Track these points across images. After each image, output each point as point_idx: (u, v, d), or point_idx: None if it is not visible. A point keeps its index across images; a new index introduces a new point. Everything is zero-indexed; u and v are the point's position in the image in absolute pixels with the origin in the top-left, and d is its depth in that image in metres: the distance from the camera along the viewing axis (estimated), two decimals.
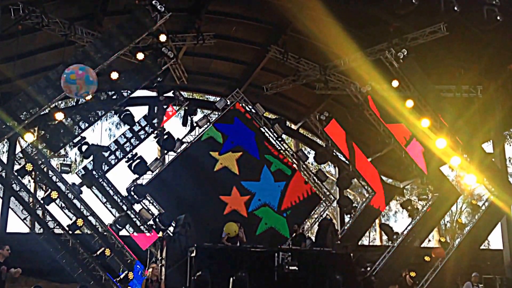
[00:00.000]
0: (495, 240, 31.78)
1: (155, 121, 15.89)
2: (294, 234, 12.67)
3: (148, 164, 15.16)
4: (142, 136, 15.68)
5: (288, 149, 18.25)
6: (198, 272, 10.32)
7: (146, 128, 15.66)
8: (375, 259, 15.42)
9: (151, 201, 15.66)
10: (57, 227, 13.52)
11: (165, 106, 16.14)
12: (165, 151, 16.54)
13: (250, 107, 17.52)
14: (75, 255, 13.29)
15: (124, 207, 14.91)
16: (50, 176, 13.99)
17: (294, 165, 18.12)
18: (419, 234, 15.65)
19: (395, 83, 14.76)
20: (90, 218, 14.03)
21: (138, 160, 14.79)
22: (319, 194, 18.11)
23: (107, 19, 16.49)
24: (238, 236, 12.34)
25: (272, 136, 17.65)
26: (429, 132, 14.59)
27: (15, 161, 14.44)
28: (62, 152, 24.25)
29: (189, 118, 16.59)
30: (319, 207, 18.25)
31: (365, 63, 16.52)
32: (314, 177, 18.14)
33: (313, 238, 15.61)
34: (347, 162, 17.76)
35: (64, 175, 14.59)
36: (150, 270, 11.14)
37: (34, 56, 17.35)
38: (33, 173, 13.42)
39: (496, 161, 16.66)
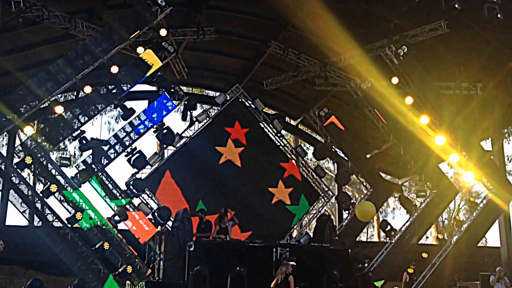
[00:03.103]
0: (493, 238, 31.92)
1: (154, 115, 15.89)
2: (199, 222, 12.58)
3: (147, 158, 15.19)
4: (142, 130, 15.69)
5: (287, 144, 18.26)
6: (196, 266, 10.36)
7: (146, 122, 15.66)
8: (373, 255, 15.47)
9: (150, 195, 15.69)
10: (56, 220, 13.52)
11: (164, 101, 16.13)
12: (165, 146, 16.56)
13: (250, 102, 17.52)
14: (74, 249, 13.30)
15: (123, 201, 14.93)
16: (50, 169, 13.99)
17: (293, 161, 18.15)
18: (417, 231, 15.69)
19: (394, 80, 14.77)
20: (89, 211, 14.04)
21: (137, 154, 14.81)
22: (317, 190, 18.16)
23: (108, 13, 16.47)
24: (227, 229, 12.36)
25: (271, 131, 17.66)
26: (428, 129, 14.61)
27: (15, 154, 14.45)
28: (62, 145, 24.32)
29: (188, 113, 16.60)
30: (318, 203, 18.28)
31: (365, 60, 16.53)
32: (313, 173, 18.16)
33: (311, 234, 15.66)
34: (346, 158, 17.78)
35: (63, 169, 14.61)
36: None
37: (34, 49, 17.35)
38: (32, 166, 13.43)
39: (495, 158, 16.71)
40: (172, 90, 16.08)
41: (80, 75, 13.14)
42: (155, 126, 15.81)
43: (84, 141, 14.12)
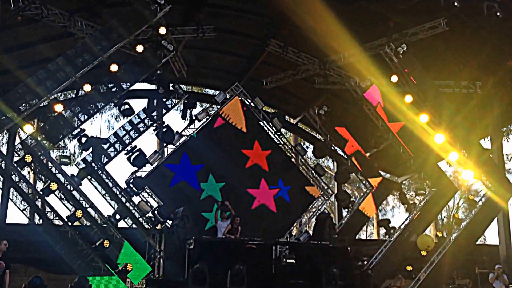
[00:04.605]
0: (492, 236, 32.00)
1: (154, 114, 15.90)
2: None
3: (147, 157, 15.21)
4: (141, 129, 15.70)
5: (287, 143, 18.28)
6: (196, 264, 10.37)
7: (146, 121, 15.68)
8: (372, 253, 15.50)
9: (150, 194, 15.71)
10: (56, 218, 13.53)
11: (164, 99, 16.15)
12: (164, 144, 16.57)
13: (249, 101, 17.54)
14: (74, 246, 13.32)
15: (123, 199, 14.96)
16: (50, 167, 14.00)
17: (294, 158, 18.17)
18: (416, 229, 15.72)
19: (394, 78, 14.78)
20: (89, 209, 14.06)
21: (137, 153, 14.83)
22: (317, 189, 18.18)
23: (107, 11, 16.47)
24: (237, 229, 12.50)
25: (271, 130, 17.68)
26: (427, 127, 14.62)
27: (15, 152, 14.45)
28: (61, 144, 24.33)
29: (188, 111, 16.62)
30: (317, 201, 18.31)
31: (364, 58, 16.55)
32: (313, 171, 18.19)
33: (311, 232, 15.70)
34: (345, 156, 17.80)
35: (63, 167, 14.62)
36: None
37: (33, 48, 17.35)
38: (32, 164, 13.43)
39: (494, 156, 16.74)
40: (172, 88, 16.10)
41: (80, 74, 13.15)
42: (155, 125, 15.83)
43: (84, 140, 14.14)
